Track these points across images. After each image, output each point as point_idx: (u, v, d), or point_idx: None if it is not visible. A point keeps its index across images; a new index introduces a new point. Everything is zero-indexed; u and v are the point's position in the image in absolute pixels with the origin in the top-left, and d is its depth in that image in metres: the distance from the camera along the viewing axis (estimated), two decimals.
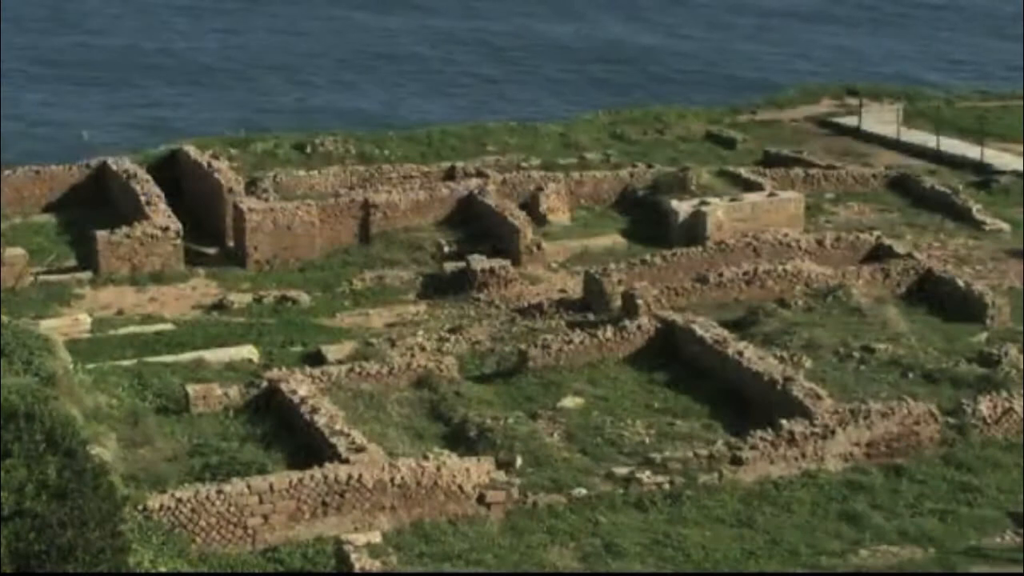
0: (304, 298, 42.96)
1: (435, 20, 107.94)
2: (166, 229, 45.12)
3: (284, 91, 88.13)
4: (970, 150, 56.78)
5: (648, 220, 49.06)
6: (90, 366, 35.74)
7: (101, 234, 44.67)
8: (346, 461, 29.04)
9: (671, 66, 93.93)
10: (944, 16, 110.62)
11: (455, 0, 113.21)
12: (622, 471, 30.42)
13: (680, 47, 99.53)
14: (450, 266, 44.52)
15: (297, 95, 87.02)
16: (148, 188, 48.09)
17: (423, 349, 38.59)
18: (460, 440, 32.23)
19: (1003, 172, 54.34)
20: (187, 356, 37.62)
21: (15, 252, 43.72)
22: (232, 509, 27.48)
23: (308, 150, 56.01)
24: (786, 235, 44.70)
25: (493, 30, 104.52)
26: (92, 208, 49.30)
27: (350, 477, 28.22)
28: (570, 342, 36.93)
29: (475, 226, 47.22)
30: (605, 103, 69.10)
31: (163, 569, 23.79)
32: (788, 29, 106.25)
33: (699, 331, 36.54)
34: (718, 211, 47.14)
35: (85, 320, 40.47)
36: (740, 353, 35.13)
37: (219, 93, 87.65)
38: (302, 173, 52.05)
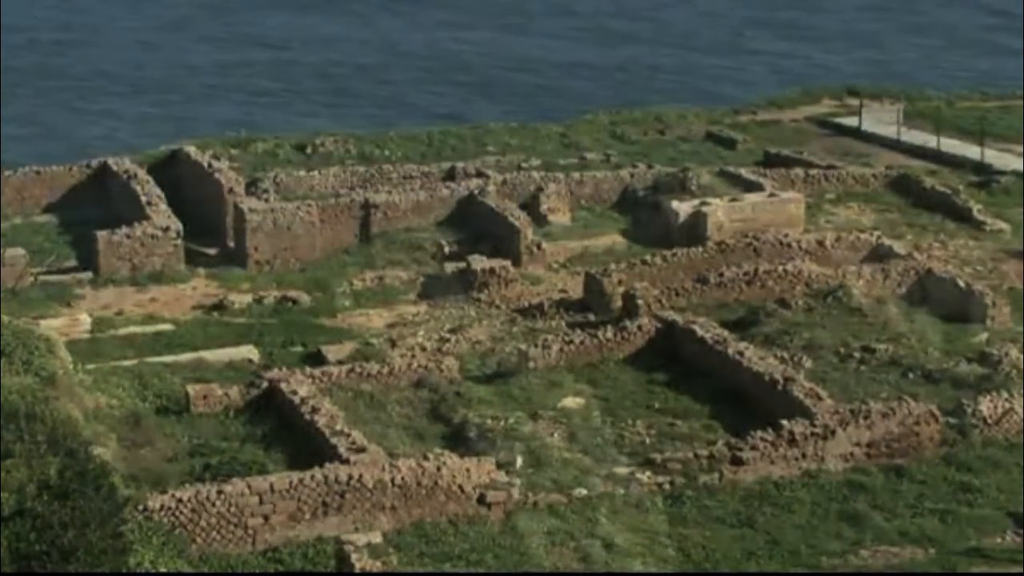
0: (304, 298, 42.92)
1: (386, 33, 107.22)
2: (166, 229, 45.11)
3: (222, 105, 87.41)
4: (970, 150, 56.69)
5: (648, 220, 49.03)
6: (90, 366, 35.77)
7: (101, 234, 44.65)
8: (346, 461, 29.06)
9: (648, 78, 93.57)
10: (916, 26, 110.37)
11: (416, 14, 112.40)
12: (622, 471, 30.43)
13: (654, 62, 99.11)
14: (450, 266, 44.51)
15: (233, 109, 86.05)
16: (148, 188, 48.11)
17: (423, 349, 38.60)
18: (460, 440, 32.23)
19: (1003, 172, 54.25)
20: (187, 356, 37.64)
21: (15, 252, 43.69)
22: (232, 509, 27.49)
23: (308, 150, 56.01)
24: (786, 235, 44.66)
25: (472, 40, 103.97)
26: (92, 208, 49.29)
27: (350, 477, 28.23)
28: (570, 342, 36.93)
29: (475, 226, 47.20)
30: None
31: (163, 569, 23.79)
32: (760, 40, 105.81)
33: (699, 331, 36.53)
34: (718, 211, 47.11)
35: (85, 320, 40.47)
36: (740, 353, 35.13)
37: (145, 106, 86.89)
38: (302, 173, 52.03)
